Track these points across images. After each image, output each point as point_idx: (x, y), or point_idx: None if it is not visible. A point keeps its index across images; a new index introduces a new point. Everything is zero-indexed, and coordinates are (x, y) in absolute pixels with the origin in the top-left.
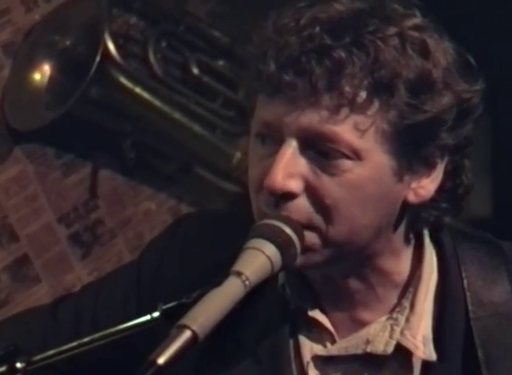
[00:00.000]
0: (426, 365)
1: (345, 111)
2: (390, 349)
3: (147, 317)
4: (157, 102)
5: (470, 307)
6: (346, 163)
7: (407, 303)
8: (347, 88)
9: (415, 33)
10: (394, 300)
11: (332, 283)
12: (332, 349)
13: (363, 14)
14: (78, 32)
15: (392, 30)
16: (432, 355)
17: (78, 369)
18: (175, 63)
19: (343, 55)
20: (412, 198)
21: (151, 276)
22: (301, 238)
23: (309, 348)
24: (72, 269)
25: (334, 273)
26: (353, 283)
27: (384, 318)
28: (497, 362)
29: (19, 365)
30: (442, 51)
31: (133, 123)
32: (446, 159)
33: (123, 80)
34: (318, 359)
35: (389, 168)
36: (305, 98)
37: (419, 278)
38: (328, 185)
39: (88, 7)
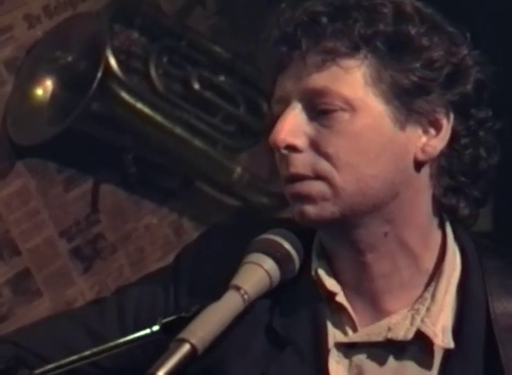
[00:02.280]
0: (446, 353)
1: (328, 66)
2: (410, 335)
3: (147, 331)
4: (158, 117)
5: (491, 307)
6: (343, 115)
7: (428, 295)
8: (329, 44)
9: (405, 6)
10: (417, 291)
11: (359, 264)
12: (354, 336)
13: None
14: (80, 48)
15: (380, 0)
16: (450, 343)
17: None
18: (176, 78)
19: (325, 20)
20: (420, 155)
21: (188, 279)
22: (300, 253)
23: (332, 335)
24: (74, 284)
25: (360, 241)
26: (380, 264)
27: (406, 310)
28: None
29: None
30: (434, 25)
31: (134, 137)
32: (451, 120)
33: (125, 95)
34: (340, 346)
35: (386, 116)
36: (300, 63)
37: (441, 272)
38: (328, 137)
39: (90, 23)
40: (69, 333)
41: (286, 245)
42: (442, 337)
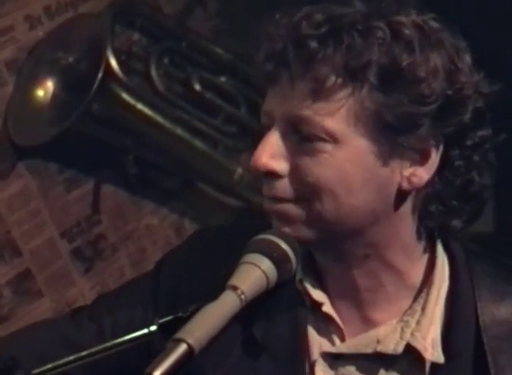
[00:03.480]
0: (435, 367)
1: (315, 96)
2: (400, 349)
3: (145, 331)
4: (159, 118)
5: (480, 315)
6: (326, 146)
7: (418, 307)
8: (319, 74)
9: (403, 28)
10: (406, 303)
11: (343, 277)
12: (341, 347)
13: (351, 12)
14: (81, 49)
15: (376, 23)
16: (440, 358)
17: None
18: (177, 79)
19: (315, 44)
20: (405, 185)
21: (170, 284)
22: (297, 253)
23: (318, 344)
24: (75, 284)
25: (341, 260)
26: (363, 279)
27: (395, 321)
28: (506, 370)
29: None
30: (434, 46)
31: (135, 138)
32: (441, 150)
33: (125, 96)
34: (326, 356)
35: (369, 152)
36: (286, 86)
37: (431, 284)
38: (311, 165)
39: (91, 24)
40: (49, 344)
41: (283, 245)
42: (432, 350)
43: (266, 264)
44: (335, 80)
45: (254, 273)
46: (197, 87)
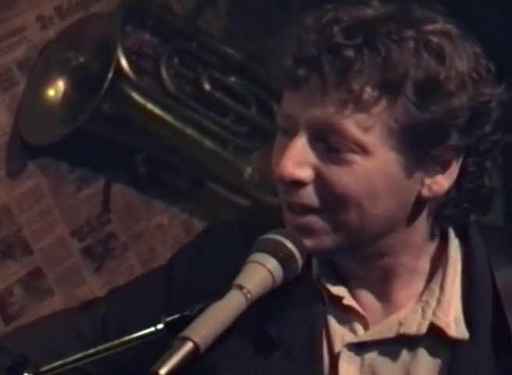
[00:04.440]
0: (459, 343)
1: (350, 108)
2: (424, 329)
3: (151, 329)
4: (169, 118)
5: (498, 284)
6: (354, 157)
7: (436, 286)
8: (354, 86)
9: (434, 38)
10: (420, 285)
11: (359, 272)
12: (364, 335)
13: (383, 17)
14: (92, 49)
15: (409, 33)
16: (465, 334)
17: None
18: (187, 79)
19: (352, 53)
20: (426, 193)
21: (182, 280)
22: (303, 252)
23: (340, 336)
24: (85, 283)
25: (357, 263)
26: (379, 272)
27: (413, 302)
28: None
29: None
30: (464, 57)
31: (145, 138)
32: (461, 159)
33: (136, 95)
34: (350, 346)
35: (396, 164)
36: (317, 93)
37: (446, 263)
38: (337, 175)
39: (102, 24)
40: (59, 338)
41: (289, 245)
42: (456, 327)
43: (272, 263)
44: (371, 92)
45: (259, 273)
46: (207, 86)
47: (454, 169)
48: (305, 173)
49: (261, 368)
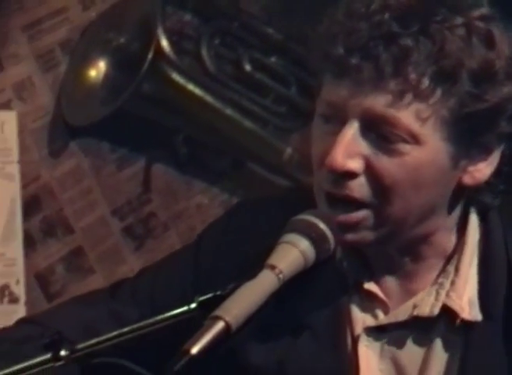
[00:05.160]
0: (473, 326)
1: (408, 97)
2: (436, 311)
3: (185, 308)
4: (209, 98)
5: None
6: (405, 147)
7: (451, 268)
8: (412, 75)
9: (481, 24)
10: (440, 265)
11: (388, 257)
12: (382, 320)
13: (431, 2)
14: (132, 29)
15: (459, 19)
16: (478, 316)
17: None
18: (228, 60)
19: (409, 42)
20: (468, 180)
21: (210, 257)
22: (335, 233)
23: (361, 320)
24: (126, 261)
25: (389, 249)
26: (408, 258)
27: (429, 285)
28: None
29: (63, 353)
30: (507, 41)
31: (185, 118)
32: (503, 145)
33: (176, 76)
34: (369, 331)
35: (446, 153)
36: (370, 82)
37: (464, 244)
38: (388, 166)
39: (143, 5)
40: (92, 314)
41: (322, 226)
42: (469, 310)
43: (304, 244)
44: (428, 83)
45: (292, 253)
46: (248, 67)
47: (496, 156)
48: (357, 164)
49: (290, 348)
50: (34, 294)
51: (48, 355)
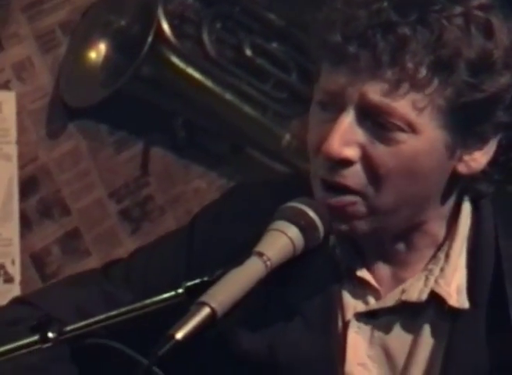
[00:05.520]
0: (460, 313)
1: (405, 87)
2: (424, 296)
3: (172, 293)
4: (209, 83)
5: (503, 257)
6: (402, 136)
7: (442, 255)
8: (409, 64)
9: (480, 13)
10: (431, 251)
11: (381, 245)
12: (373, 304)
13: None
14: (134, 12)
15: (458, 9)
16: (465, 304)
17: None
18: (229, 45)
19: (407, 31)
20: (463, 169)
21: (203, 240)
22: (325, 222)
23: (352, 306)
24: (122, 244)
25: (382, 238)
26: (401, 246)
27: (420, 271)
28: None
29: (51, 335)
30: (506, 31)
31: (184, 102)
32: (499, 135)
33: (176, 59)
34: (359, 316)
35: (442, 143)
36: (367, 70)
37: (455, 232)
38: (383, 154)
39: None
40: (84, 295)
41: (311, 214)
42: (457, 297)
43: (293, 232)
44: (425, 73)
45: (280, 240)
46: (249, 52)
47: (492, 145)
48: (353, 152)
49: (281, 333)
50: (29, 274)
51: (36, 337)
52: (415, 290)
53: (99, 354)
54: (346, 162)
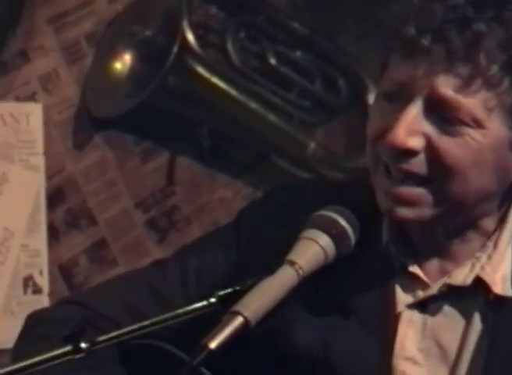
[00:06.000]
0: (503, 301)
1: (477, 84)
2: (469, 281)
3: (204, 302)
4: (233, 92)
5: None
6: (468, 130)
7: (490, 243)
8: (483, 62)
9: None
10: (479, 246)
11: (434, 240)
12: (420, 294)
13: None
14: (158, 22)
15: None
16: (509, 292)
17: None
18: (253, 53)
19: (483, 28)
20: None
21: (251, 239)
22: (356, 229)
23: (403, 301)
24: (148, 254)
25: (438, 232)
26: (455, 242)
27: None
28: None
29: (83, 345)
30: None
31: (209, 111)
32: None
33: (201, 69)
34: (409, 307)
35: (506, 139)
36: (440, 64)
37: (505, 222)
38: (449, 145)
39: None
40: (134, 293)
41: (342, 222)
42: (502, 285)
43: (325, 240)
44: (497, 71)
45: (312, 249)
46: (273, 61)
47: None
48: (418, 142)
49: (337, 332)
50: (58, 285)
51: (68, 348)
52: (460, 275)
53: (143, 356)
54: (411, 152)
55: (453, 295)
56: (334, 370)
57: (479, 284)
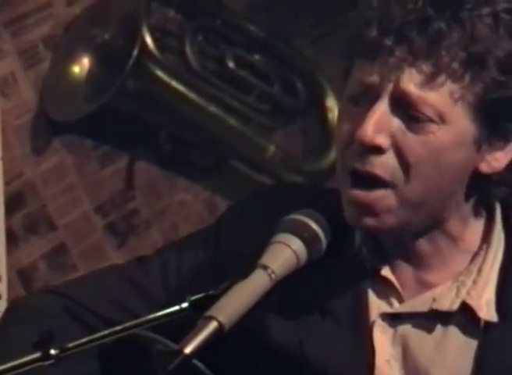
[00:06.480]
0: (488, 326)
1: (442, 78)
2: (455, 306)
3: (176, 307)
4: (193, 95)
5: None
6: (432, 126)
7: (474, 268)
8: (444, 58)
9: (507, 16)
10: (460, 266)
11: (403, 244)
12: (399, 308)
13: None
14: (117, 26)
15: (487, 9)
16: (494, 317)
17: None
18: (211, 57)
19: (443, 26)
20: (484, 168)
21: (228, 240)
22: (327, 233)
23: (376, 306)
24: (108, 259)
25: (404, 235)
26: (423, 245)
27: (450, 281)
28: None
29: (52, 351)
30: None
31: (168, 115)
32: None
33: (160, 73)
34: (384, 316)
35: (470, 136)
36: (404, 62)
37: (488, 247)
38: (413, 143)
39: (127, 1)
40: (116, 287)
41: (314, 226)
42: (487, 310)
43: (296, 244)
44: (457, 67)
45: (284, 253)
46: (231, 64)
47: None
48: (384, 140)
49: (311, 330)
50: (17, 290)
51: (38, 354)
52: (447, 299)
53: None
54: (378, 150)
55: (434, 316)
56: (310, 367)
57: (463, 308)
